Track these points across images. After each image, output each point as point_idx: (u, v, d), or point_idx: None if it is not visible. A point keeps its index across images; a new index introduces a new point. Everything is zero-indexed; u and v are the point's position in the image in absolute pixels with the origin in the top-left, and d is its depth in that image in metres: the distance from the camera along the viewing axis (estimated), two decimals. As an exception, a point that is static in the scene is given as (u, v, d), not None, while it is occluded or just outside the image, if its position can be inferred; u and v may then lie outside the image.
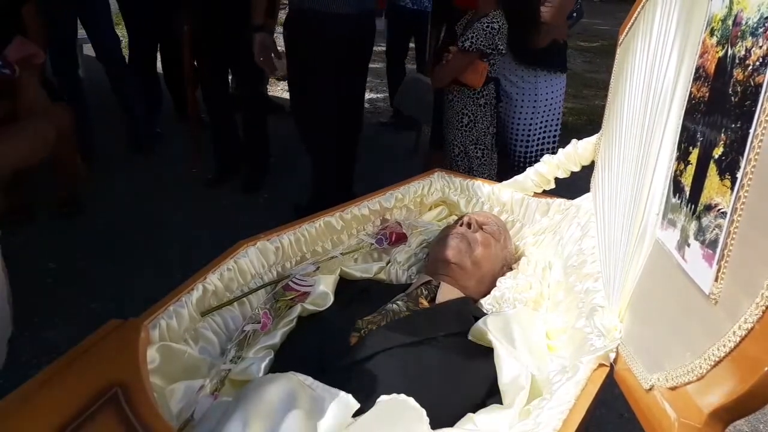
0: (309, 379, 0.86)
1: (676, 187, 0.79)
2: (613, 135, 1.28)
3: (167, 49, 3.72)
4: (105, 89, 3.38)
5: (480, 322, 1.06)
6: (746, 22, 0.64)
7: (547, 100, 2.28)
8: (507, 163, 2.39)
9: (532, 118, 2.29)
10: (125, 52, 3.57)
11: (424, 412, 0.83)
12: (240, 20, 2.64)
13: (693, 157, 0.74)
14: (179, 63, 3.23)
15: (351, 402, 0.84)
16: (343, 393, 0.85)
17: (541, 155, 2.27)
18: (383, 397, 0.85)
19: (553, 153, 1.64)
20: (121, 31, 3.73)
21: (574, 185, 1.60)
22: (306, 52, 2.39)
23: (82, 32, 3.19)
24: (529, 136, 2.32)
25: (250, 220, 2.79)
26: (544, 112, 2.30)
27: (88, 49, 3.57)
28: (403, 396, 0.85)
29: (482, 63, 2.15)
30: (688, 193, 0.74)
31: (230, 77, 3.26)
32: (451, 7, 2.48)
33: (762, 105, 0.57)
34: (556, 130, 2.39)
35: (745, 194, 0.59)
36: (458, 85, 2.26)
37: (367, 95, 5.22)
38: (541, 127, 2.32)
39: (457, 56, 2.18)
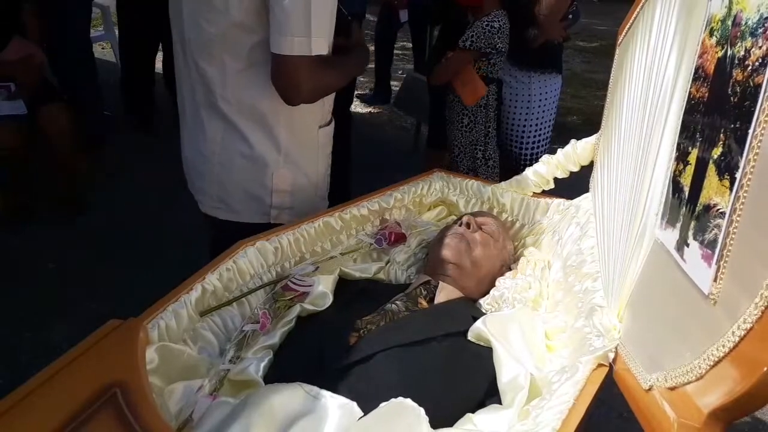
0: (314, 389, 0.86)
1: (675, 187, 0.79)
2: (612, 135, 1.28)
3: (167, 50, 3.72)
4: (105, 89, 3.38)
5: (479, 322, 1.06)
6: (746, 23, 0.64)
7: (540, 101, 2.27)
8: (505, 163, 2.40)
9: (526, 119, 2.29)
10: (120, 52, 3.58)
11: (422, 411, 0.84)
12: None
13: (692, 157, 0.74)
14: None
15: (355, 409, 0.84)
16: (347, 401, 0.85)
17: (536, 156, 2.27)
18: (383, 404, 0.85)
19: (547, 153, 1.64)
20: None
21: (573, 185, 1.60)
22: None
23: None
24: (523, 136, 2.32)
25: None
26: (538, 113, 2.29)
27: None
28: (400, 398, 0.85)
29: (483, 86, 2.16)
30: (687, 193, 0.74)
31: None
32: (449, 7, 2.48)
33: (761, 105, 0.57)
34: (549, 131, 2.39)
35: (744, 194, 0.59)
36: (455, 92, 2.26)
37: (368, 95, 5.22)
38: (535, 128, 2.32)
39: (457, 55, 2.18)
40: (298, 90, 1.17)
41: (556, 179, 1.59)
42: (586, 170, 1.54)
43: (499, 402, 0.94)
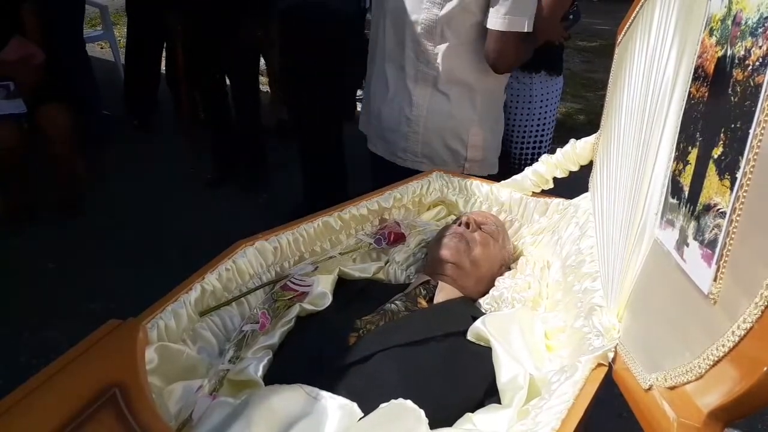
0: (315, 390, 0.86)
1: (675, 186, 0.79)
2: (611, 134, 1.28)
3: (169, 49, 3.73)
4: (105, 89, 3.38)
5: (478, 321, 1.06)
6: (746, 22, 0.64)
7: (542, 102, 2.27)
8: (503, 163, 2.39)
9: (527, 121, 2.29)
10: (122, 51, 3.58)
11: (422, 412, 0.83)
12: (231, 19, 2.64)
13: (692, 157, 0.74)
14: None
15: (355, 410, 0.84)
16: (347, 401, 0.85)
17: (537, 157, 2.26)
18: (383, 405, 0.85)
19: (550, 153, 1.64)
20: (120, 31, 3.73)
21: (573, 185, 1.60)
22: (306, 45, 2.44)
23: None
24: (524, 138, 2.32)
25: (249, 220, 2.79)
26: (539, 114, 2.29)
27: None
28: (400, 399, 0.85)
29: None
30: (686, 193, 0.74)
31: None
32: None
33: (761, 105, 0.57)
34: (550, 132, 2.39)
35: (745, 194, 0.59)
36: None
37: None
38: (536, 130, 2.32)
39: None
40: (507, 60, 1.43)
41: (555, 179, 1.59)
42: (586, 170, 1.54)
43: (499, 402, 0.94)
